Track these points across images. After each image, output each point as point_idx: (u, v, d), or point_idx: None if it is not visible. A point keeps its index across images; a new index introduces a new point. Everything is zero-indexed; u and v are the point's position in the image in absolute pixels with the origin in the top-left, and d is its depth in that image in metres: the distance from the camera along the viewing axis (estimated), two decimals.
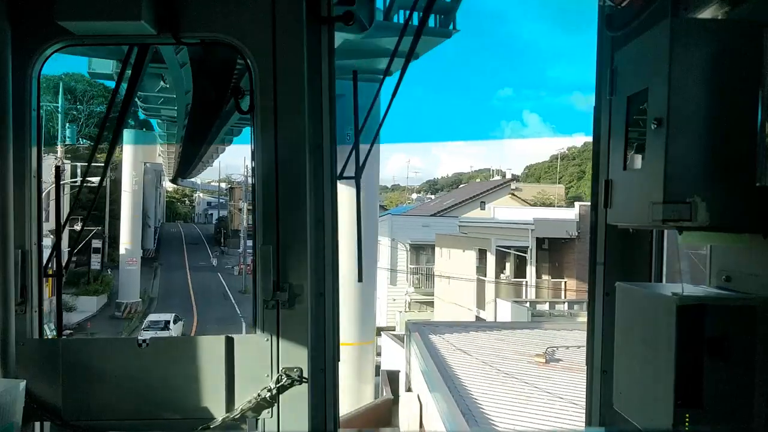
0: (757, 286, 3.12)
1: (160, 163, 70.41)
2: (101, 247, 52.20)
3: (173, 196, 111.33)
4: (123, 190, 51.63)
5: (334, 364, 4.11)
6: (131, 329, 44.01)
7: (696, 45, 2.90)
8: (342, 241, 4.09)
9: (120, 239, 52.19)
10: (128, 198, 51.83)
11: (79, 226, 41.59)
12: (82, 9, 3.54)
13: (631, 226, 3.51)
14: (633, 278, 3.94)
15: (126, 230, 51.32)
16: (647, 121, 3.06)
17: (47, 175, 4.03)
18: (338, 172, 4.12)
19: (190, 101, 31.66)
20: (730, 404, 2.98)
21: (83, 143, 58.47)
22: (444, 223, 45.88)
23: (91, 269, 50.89)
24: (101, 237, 52.07)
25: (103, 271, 53.38)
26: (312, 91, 3.95)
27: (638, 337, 3.33)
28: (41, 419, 3.93)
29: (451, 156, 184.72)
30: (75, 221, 42.68)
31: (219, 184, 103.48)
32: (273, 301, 3.87)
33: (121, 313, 47.68)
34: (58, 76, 54.17)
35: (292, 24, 3.87)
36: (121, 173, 52.14)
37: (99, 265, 52.52)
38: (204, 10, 3.86)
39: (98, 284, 50.29)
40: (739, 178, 2.91)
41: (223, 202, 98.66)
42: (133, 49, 4.23)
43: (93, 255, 51.06)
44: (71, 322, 40.31)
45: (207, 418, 3.86)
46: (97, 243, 50.94)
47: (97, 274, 51.80)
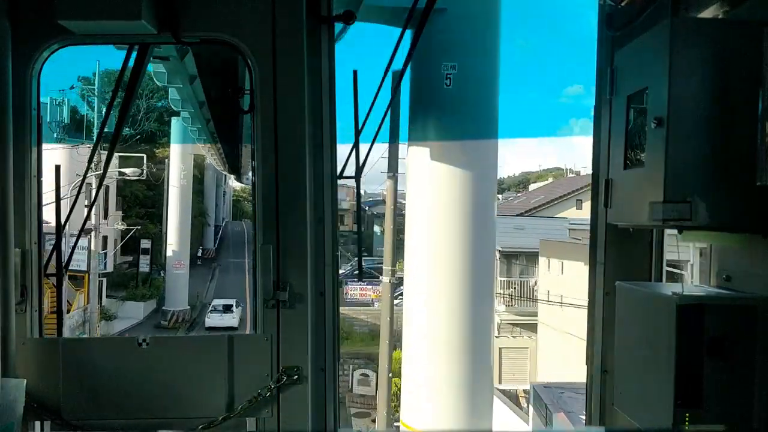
0: (757, 286, 3.12)
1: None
2: (150, 247, 45.71)
3: (240, 194, 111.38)
4: (170, 185, 45.06)
5: (334, 364, 4.12)
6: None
7: (696, 45, 2.90)
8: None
9: (166, 239, 45.53)
10: (176, 194, 45.05)
11: (121, 224, 40.76)
12: (82, 8, 3.54)
13: (631, 226, 3.51)
14: (633, 278, 3.93)
15: (173, 229, 44.71)
16: (647, 120, 3.06)
17: (48, 175, 4.08)
18: (338, 172, 4.12)
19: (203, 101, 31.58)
20: (730, 404, 2.98)
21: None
22: (544, 226, 36.28)
23: (140, 272, 45.12)
24: (150, 236, 46.43)
25: (153, 273, 46.56)
26: (312, 91, 3.95)
27: (638, 336, 3.33)
28: (41, 418, 3.93)
29: (515, 154, 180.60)
30: (118, 218, 41.50)
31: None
32: (273, 301, 3.87)
33: (166, 321, 42.35)
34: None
35: (292, 23, 3.87)
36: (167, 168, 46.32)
37: (148, 267, 45.93)
38: (204, 10, 3.86)
39: (146, 288, 44.63)
40: (739, 178, 2.91)
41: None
42: (133, 48, 4.24)
43: (142, 256, 45.07)
44: (113, 330, 36.57)
45: (207, 417, 3.86)
46: (146, 243, 45.29)
47: (146, 276, 45.66)
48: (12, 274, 3.79)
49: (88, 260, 32.59)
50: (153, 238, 46.07)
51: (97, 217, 34.01)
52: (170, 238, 44.88)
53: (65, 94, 34.65)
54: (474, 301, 11.42)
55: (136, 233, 43.54)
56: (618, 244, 4.08)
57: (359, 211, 4.68)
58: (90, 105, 49.15)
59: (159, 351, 3.94)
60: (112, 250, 41.82)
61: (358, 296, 44.87)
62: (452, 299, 11.36)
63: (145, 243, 44.91)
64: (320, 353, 4.04)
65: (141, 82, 4.59)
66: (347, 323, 39.81)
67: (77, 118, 40.01)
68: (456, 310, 11.34)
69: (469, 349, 11.42)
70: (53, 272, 4.34)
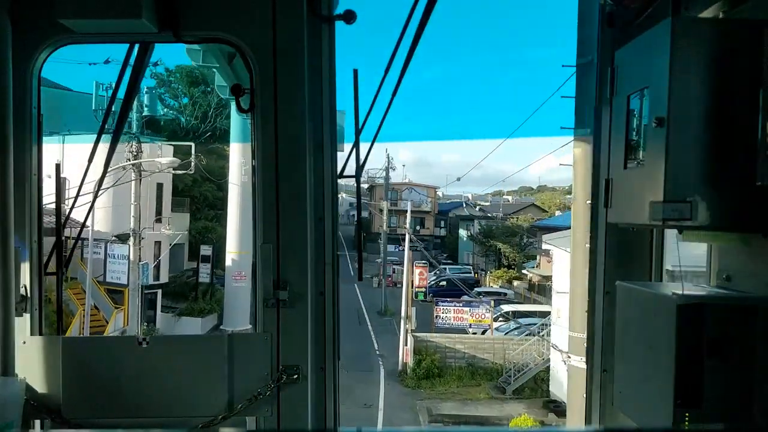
0: (757, 286, 3.12)
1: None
2: (211, 255, 38.97)
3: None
4: (230, 182, 35.58)
5: (334, 363, 4.12)
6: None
7: (696, 44, 2.90)
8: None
9: (225, 246, 36.19)
10: (236, 193, 34.88)
11: (168, 229, 35.86)
12: (82, 7, 3.54)
13: (631, 226, 3.51)
14: (633, 277, 3.93)
15: (233, 234, 34.89)
16: (647, 120, 3.06)
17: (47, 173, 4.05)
18: (338, 171, 4.12)
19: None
20: (730, 404, 2.97)
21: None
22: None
23: (200, 282, 38.93)
24: (212, 242, 40.29)
25: (215, 284, 39.68)
26: (312, 91, 3.95)
27: (638, 336, 3.33)
28: (41, 417, 3.93)
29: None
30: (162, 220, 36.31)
31: (357, 186, 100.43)
32: (273, 300, 3.88)
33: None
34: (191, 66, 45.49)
35: (292, 23, 3.87)
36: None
37: (208, 277, 39.31)
38: (204, 9, 3.86)
39: (206, 301, 38.42)
40: (739, 178, 2.90)
41: (364, 202, 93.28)
42: (133, 47, 4.24)
43: (202, 265, 38.64)
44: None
45: (207, 416, 3.87)
46: (206, 249, 38.87)
47: (207, 288, 39.31)
48: (12, 273, 3.79)
49: (129, 272, 28.88)
50: (215, 244, 39.62)
51: (137, 222, 29.26)
52: (229, 244, 35.60)
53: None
54: None
55: (196, 239, 38.92)
56: (618, 244, 4.09)
57: (359, 212, 4.68)
58: (163, 102, 46.01)
59: (159, 350, 3.94)
60: (166, 258, 36.88)
61: (452, 320, 37.22)
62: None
63: (205, 250, 38.94)
64: (320, 352, 4.05)
65: (141, 81, 4.59)
66: (439, 353, 33.57)
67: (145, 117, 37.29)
68: None
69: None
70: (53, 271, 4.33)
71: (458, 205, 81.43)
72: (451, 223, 77.79)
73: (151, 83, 36.18)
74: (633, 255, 4.12)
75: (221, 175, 38.84)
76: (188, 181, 40.24)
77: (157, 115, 35.61)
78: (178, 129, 46.23)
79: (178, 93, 50.21)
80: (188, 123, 46.88)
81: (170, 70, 49.70)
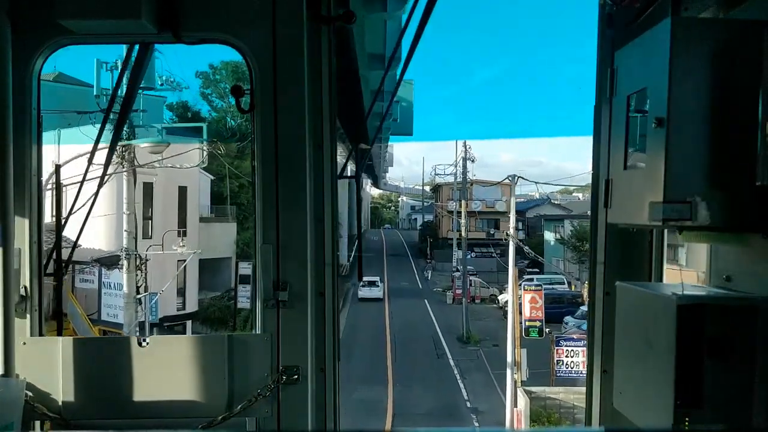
0: (757, 286, 3.12)
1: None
2: (251, 274, 29.96)
3: (378, 201, 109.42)
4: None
5: (334, 363, 4.12)
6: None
7: (696, 44, 2.90)
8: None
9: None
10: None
11: (181, 245, 27.73)
12: (82, 7, 3.54)
13: (631, 226, 3.51)
14: (633, 278, 3.93)
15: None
16: (647, 120, 3.06)
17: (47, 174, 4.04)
18: (338, 172, 4.12)
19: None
20: (730, 404, 2.97)
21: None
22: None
23: (238, 307, 31.33)
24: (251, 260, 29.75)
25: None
26: (312, 91, 3.95)
27: (638, 336, 3.32)
28: (41, 418, 3.93)
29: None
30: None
31: (422, 187, 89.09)
32: (273, 300, 3.88)
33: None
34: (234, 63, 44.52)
35: (292, 23, 3.87)
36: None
37: (248, 301, 31.20)
38: (204, 9, 3.86)
39: (247, 332, 25.94)
40: (739, 178, 2.90)
41: (428, 205, 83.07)
42: (133, 47, 4.24)
43: (240, 286, 30.81)
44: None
45: (207, 417, 3.86)
46: (246, 268, 30.45)
47: (248, 314, 30.95)
48: (12, 274, 3.79)
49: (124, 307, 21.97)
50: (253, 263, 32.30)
51: (133, 240, 22.38)
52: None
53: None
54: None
55: (243, 252, 31.57)
56: (618, 244, 4.09)
57: (359, 212, 4.68)
58: (209, 101, 44.36)
59: (159, 351, 3.94)
60: (194, 280, 30.22)
61: (582, 366, 24.23)
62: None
63: (244, 268, 30.57)
64: (320, 353, 4.05)
65: (141, 81, 4.59)
66: (567, 419, 22.41)
67: (188, 116, 34.54)
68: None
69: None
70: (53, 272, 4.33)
71: (536, 204, 70.72)
72: (529, 224, 66.01)
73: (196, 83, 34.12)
74: (633, 255, 4.12)
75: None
76: (234, 186, 36.02)
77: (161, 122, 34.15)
78: (224, 130, 43.93)
79: (224, 93, 47.52)
80: (234, 123, 44.26)
81: (215, 68, 47.24)
